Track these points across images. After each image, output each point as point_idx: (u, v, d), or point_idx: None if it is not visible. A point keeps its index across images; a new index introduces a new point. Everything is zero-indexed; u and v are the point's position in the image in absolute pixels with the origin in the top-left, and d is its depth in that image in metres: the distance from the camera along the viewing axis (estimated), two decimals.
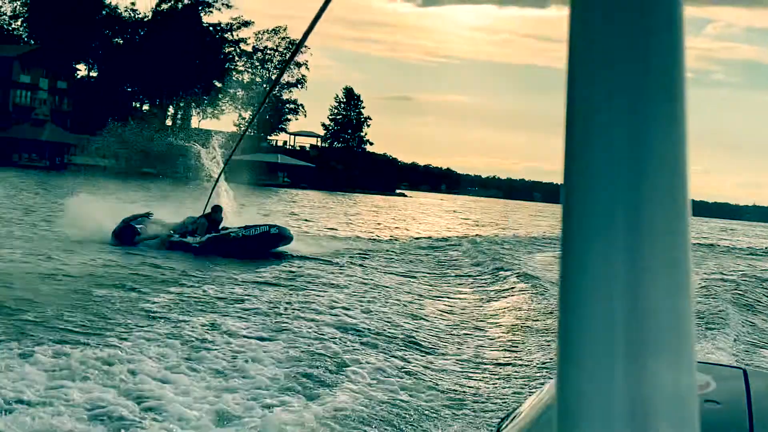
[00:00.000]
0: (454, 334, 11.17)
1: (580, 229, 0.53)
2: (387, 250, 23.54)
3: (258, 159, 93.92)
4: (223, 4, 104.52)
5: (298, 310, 11.62)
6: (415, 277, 17.73)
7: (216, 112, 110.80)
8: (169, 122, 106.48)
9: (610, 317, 0.51)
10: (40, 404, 6.06)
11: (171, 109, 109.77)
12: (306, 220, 33.47)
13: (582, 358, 0.51)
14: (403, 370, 8.83)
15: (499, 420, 1.88)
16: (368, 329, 10.73)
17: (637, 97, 0.52)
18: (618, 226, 0.51)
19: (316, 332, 10.11)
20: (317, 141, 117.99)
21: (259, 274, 15.20)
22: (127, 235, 17.96)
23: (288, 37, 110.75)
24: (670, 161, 0.52)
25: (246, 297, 12.40)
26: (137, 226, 18.29)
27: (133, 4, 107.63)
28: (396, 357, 9.39)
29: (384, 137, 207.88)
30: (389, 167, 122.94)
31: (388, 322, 11.45)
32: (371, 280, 16.34)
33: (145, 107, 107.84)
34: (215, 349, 8.70)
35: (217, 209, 19.29)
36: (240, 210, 24.51)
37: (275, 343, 9.26)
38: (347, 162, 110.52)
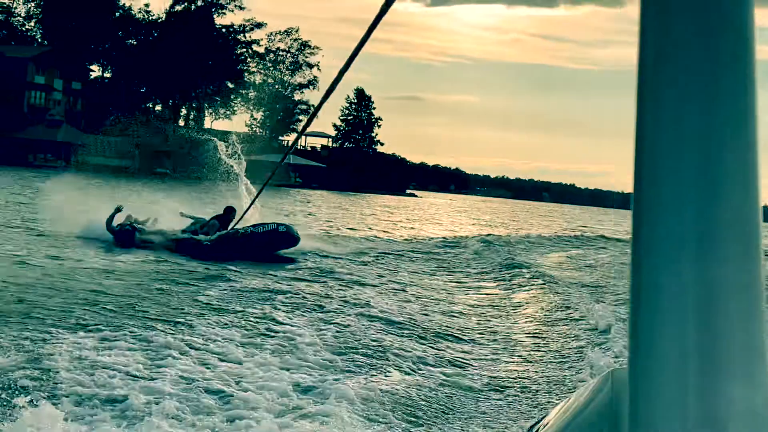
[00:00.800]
0: (485, 326, 12.21)
1: (650, 247, 0.52)
2: (408, 250, 24.59)
3: (270, 159, 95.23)
4: (236, 6, 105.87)
5: (339, 304, 12.67)
6: (438, 275, 18.78)
7: (228, 112, 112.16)
8: (181, 122, 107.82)
9: (683, 336, 0.50)
10: (144, 378, 7.12)
11: (183, 110, 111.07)
12: (327, 221, 34.56)
13: (655, 377, 0.50)
14: (443, 358, 9.84)
15: (528, 428, 1.86)
16: (405, 322, 11.77)
17: (709, 103, 0.51)
18: (690, 244, 0.50)
19: (358, 324, 11.15)
20: (328, 141, 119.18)
21: (295, 273, 16.25)
22: (126, 236, 17.90)
23: (300, 39, 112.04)
24: (742, 173, 0.51)
25: (288, 292, 13.43)
26: (138, 226, 18.24)
27: (147, 5, 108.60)
28: (434, 347, 10.41)
29: (392, 137, 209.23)
30: (399, 168, 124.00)
31: (423, 315, 12.50)
32: (399, 276, 17.41)
33: (158, 107, 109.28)
34: (274, 336, 9.74)
35: (230, 210, 19.21)
36: (262, 211, 24.62)
37: (326, 332, 10.30)
38: (358, 162, 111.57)
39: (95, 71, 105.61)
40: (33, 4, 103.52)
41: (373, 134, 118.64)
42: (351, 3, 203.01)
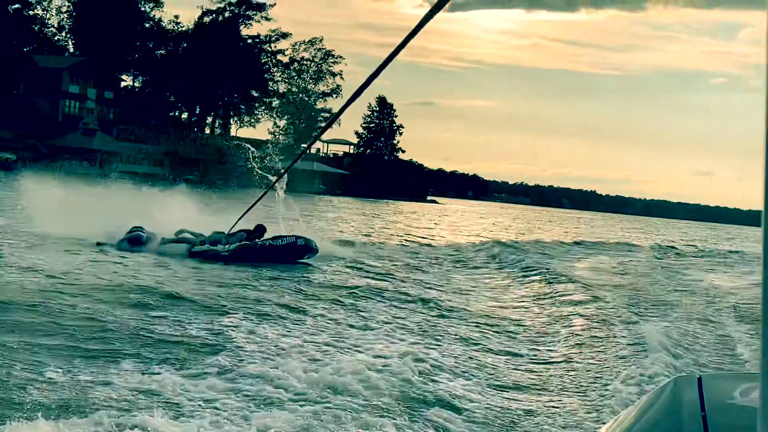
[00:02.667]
0: (540, 315, 14.46)
1: None
2: (449, 253, 26.82)
3: (295, 167, 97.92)
4: (262, 17, 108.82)
5: (409, 298, 14.98)
6: (485, 274, 21.04)
7: (252, 120, 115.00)
8: (207, 130, 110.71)
9: None
10: (300, 343, 9.43)
11: (209, 118, 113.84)
12: (367, 228, 36.88)
13: None
14: (504, 342, 12.07)
15: None
16: (468, 312, 14.02)
17: None
18: None
19: (439, 314, 13.45)
20: (350, 149, 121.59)
21: (361, 273, 18.49)
22: (134, 241, 18.46)
23: (324, 48, 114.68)
24: None
25: (363, 287, 15.72)
26: (143, 234, 18.63)
27: (176, 17, 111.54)
28: (498, 332, 12.63)
29: (409, 143, 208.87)
30: (420, 174, 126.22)
31: (482, 305, 14.77)
32: (452, 276, 19.70)
33: (184, 116, 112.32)
34: (374, 318, 12.09)
35: (260, 229, 19.52)
36: (307, 223, 24.52)
37: (411, 318, 12.60)
38: (379, 169, 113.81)
39: (126, 81, 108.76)
40: (65, 15, 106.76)
41: (395, 141, 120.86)
42: (368, 10, 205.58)
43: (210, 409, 6.53)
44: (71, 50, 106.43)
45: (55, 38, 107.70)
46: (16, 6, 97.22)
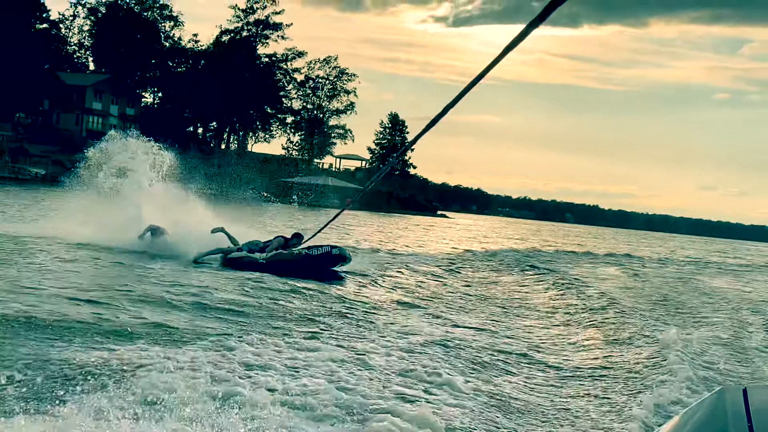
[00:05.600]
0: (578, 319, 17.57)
1: None
2: (480, 259, 29.89)
3: (311, 182, 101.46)
4: (279, 36, 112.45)
5: (477, 295, 18.12)
6: (521, 275, 24.18)
7: (267, 136, 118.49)
8: (222, 146, 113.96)
9: None
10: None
11: (225, 135, 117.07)
12: (399, 239, 39.99)
13: None
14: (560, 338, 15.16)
15: None
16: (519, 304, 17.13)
17: None
18: None
19: (501, 305, 16.56)
20: (362, 164, 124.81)
21: (414, 275, 21.55)
22: (153, 233, 19.50)
23: (338, 66, 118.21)
24: None
25: (425, 285, 18.84)
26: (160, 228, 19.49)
27: (195, 36, 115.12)
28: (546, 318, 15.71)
29: (414, 157, 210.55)
30: (430, 189, 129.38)
31: (542, 301, 17.90)
32: (489, 279, 22.81)
33: (199, 130, 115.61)
34: (449, 306, 15.19)
35: (297, 236, 20.19)
36: (347, 234, 27.52)
37: (479, 306, 15.73)
38: (392, 184, 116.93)
39: (146, 97, 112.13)
40: (86, 34, 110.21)
41: (407, 158, 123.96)
42: (373, 25, 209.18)
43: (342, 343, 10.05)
44: (91, 68, 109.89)
45: (75, 56, 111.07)
46: (44, 26, 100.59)
